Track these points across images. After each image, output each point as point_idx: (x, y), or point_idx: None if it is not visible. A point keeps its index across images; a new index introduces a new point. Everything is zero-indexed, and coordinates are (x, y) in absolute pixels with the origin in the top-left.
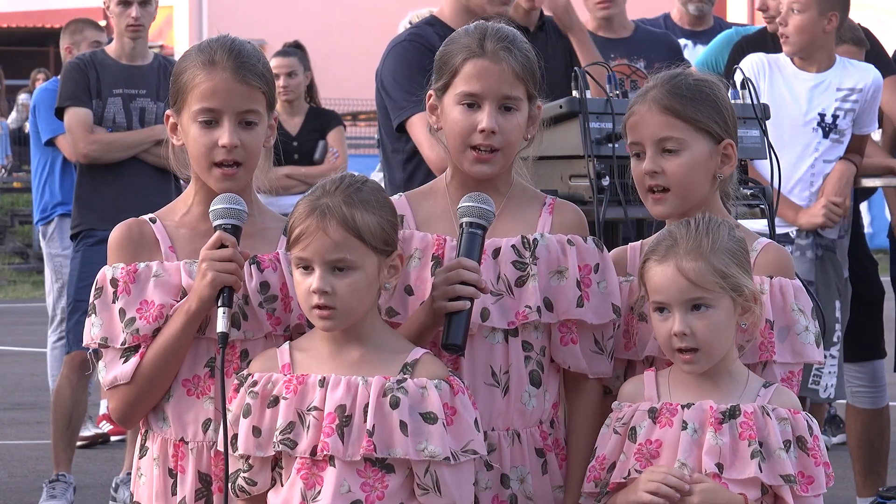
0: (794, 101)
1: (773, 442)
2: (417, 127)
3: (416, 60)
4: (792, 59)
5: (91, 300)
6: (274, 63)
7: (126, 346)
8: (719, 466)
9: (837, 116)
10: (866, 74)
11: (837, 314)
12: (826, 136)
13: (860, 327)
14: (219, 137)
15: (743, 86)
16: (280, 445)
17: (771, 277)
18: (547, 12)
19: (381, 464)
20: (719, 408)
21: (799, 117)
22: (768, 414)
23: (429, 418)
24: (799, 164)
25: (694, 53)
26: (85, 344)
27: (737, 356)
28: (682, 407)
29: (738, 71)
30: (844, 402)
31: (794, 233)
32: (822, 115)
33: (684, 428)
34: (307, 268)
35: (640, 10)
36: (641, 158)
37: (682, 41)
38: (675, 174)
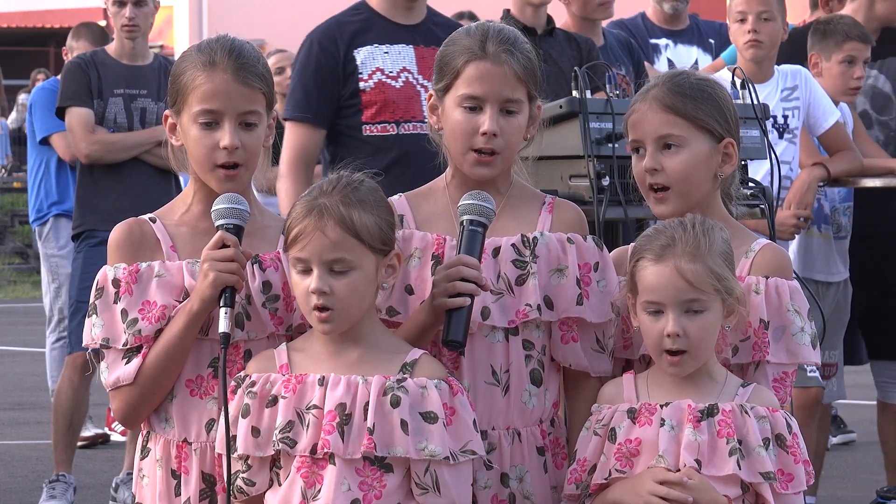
0: None
1: (752, 440)
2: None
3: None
4: (733, 73)
5: (91, 300)
6: (273, 60)
7: (128, 346)
8: (698, 462)
9: (787, 116)
10: (797, 73)
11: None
12: (781, 136)
13: (889, 325)
14: (220, 139)
15: (743, 86)
16: (280, 444)
17: (767, 278)
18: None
19: (380, 463)
20: (697, 406)
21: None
22: (747, 412)
23: (429, 418)
24: (759, 168)
25: (676, 53)
26: (85, 344)
27: (716, 358)
28: (661, 406)
29: (737, 70)
30: (844, 402)
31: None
32: (773, 118)
33: (662, 425)
34: (306, 269)
35: (615, 10)
36: (642, 156)
37: (662, 41)
38: (675, 171)
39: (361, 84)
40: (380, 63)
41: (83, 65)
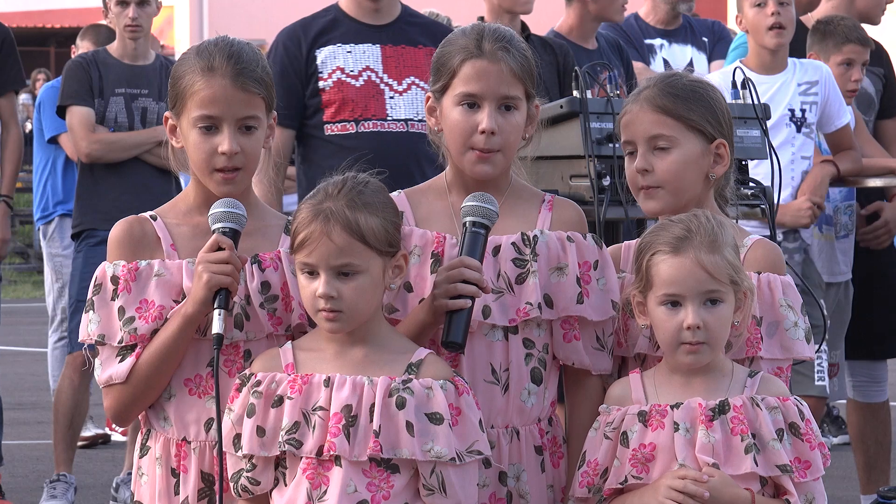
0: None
1: (766, 433)
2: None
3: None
4: (733, 74)
5: (89, 296)
6: None
7: (123, 344)
8: (714, 466)
9: (805, 110)
10: (818, 69)
11: (824, 312)
12: (799, 130)
13: (870, 324)
14: (219, 144)
15: (743, 86)
16: (286, 445)
17: (759, 273)
18: None
19: (387, 464)
20: (708, 405)
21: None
22: (758, 405)
23: (435, 419)
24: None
25: (671, 52)
26: (81, 340)
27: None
28: (672, 408)
29: (737, 70)
30: (845, 402)
31: (781, 236)
32: (791, 111)
33: (676, 429)
34: (312, 272)
35: None
36: (634, 157)
37: (657, 41)
38: (665, 172)
39: (321, 83)
40: (340, 62)
41: (84, 64)
